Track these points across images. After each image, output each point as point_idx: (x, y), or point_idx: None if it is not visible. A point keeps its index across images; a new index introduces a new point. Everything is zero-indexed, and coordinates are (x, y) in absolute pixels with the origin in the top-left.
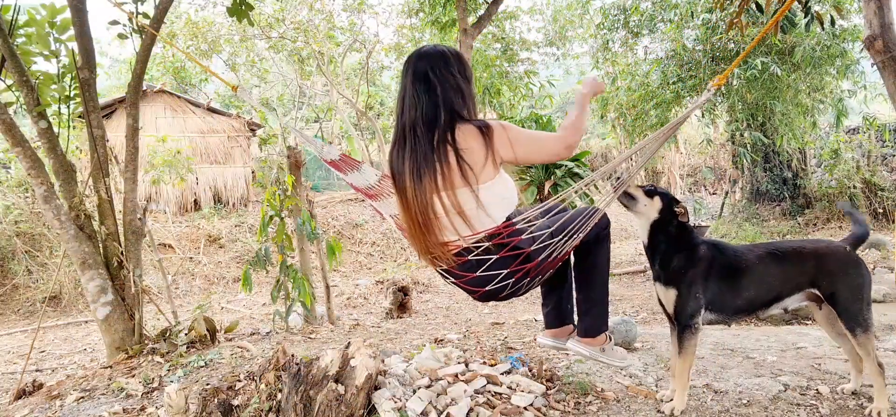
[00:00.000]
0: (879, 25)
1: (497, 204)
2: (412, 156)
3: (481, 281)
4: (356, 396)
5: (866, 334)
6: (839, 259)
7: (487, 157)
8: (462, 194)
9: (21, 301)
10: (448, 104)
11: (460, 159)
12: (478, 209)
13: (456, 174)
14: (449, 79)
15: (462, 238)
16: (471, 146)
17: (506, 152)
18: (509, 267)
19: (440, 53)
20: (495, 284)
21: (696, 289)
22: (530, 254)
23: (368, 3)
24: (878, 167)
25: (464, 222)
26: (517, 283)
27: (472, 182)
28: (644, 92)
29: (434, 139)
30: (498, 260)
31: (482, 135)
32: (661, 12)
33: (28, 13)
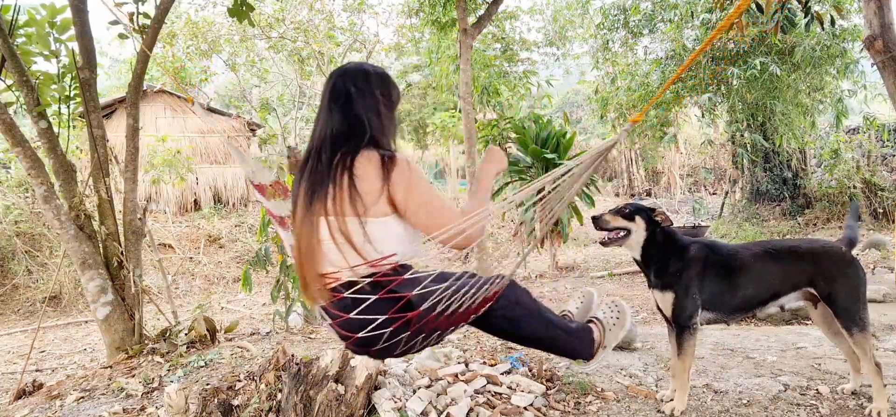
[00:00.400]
0: (879, 25)
1: (389, 242)
2: (309, 178)
3: (355, 325)
4: (356, 396)
5: (863, 333)
6: (836, 259)
7: (382, 191)
8: (350, 223)
9: (21, 301)
10: (360, 125)
11: (353, 184)
12: (364, 243)
13: (346, 200)
14: (368, 100)
15: (341, 269)
16: (368, 173)
17: (399, 195)
18: (387, 312)
19: (363, 72)
20: (370, 331)
21: (692, 290)
22: (412, 301)
23: (368, 3)
24: (878, 167)
25: (346, 252)
26: (396, 334)
27: (362, 212)
28: (644, 92)
29: (334, 160)
30: (376, 302)
31: (382, 165)
32: (661, 12)
33: (28, 13)
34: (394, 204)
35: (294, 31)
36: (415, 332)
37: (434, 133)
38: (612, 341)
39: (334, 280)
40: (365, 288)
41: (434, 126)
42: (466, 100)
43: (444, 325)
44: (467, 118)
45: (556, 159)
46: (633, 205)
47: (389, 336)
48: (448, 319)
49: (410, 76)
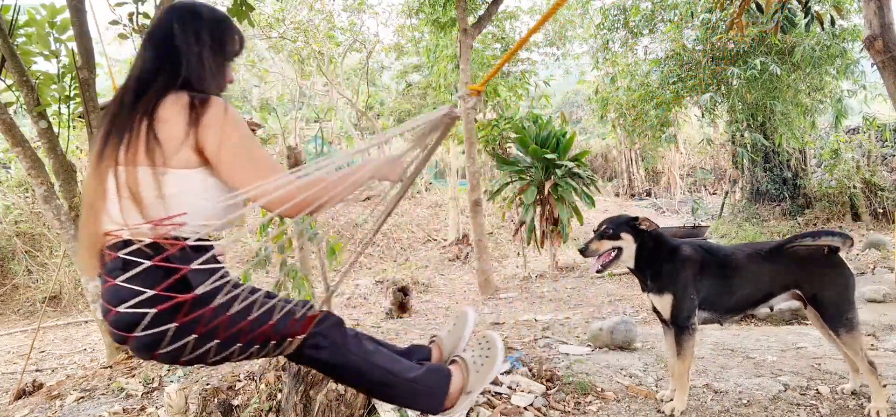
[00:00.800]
0: (879, 25)
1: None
2: (107, 124)
3: (117, 294)
4: (356, 396)
5: (851, 334)
6: (820, 261)
7: (188, 137)
8: (141, 173)
9: (21, 301)
10: (173, 64)
11: (151, 129)
12: (156, 199)
13: (141, 147)
14: (191, 40)
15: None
16: (172, 117)
17: (210, 142)
18: (156, 286)
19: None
20: (130, 307)
21: (689, 291)
22: (189, 279)
23: (368, 3)
24: (878, 167)
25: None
26: (161, 321)
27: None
28: (644, 92)
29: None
30: (148, 270)
31: (191, 108)
32: (661, 12)
33: (28, 13)
34: (203, 154)
35: (294, 31)
36: (185, 326)
37: None
38: (479, 384)
39: (115, 237)
40: (141, 250)
41: None
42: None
43: (225, 334)
44: (467, 118)
45: (556, 159)
46: (616, 221)
47: (154, 320)
48: (231, 323)
49: (410, 76)
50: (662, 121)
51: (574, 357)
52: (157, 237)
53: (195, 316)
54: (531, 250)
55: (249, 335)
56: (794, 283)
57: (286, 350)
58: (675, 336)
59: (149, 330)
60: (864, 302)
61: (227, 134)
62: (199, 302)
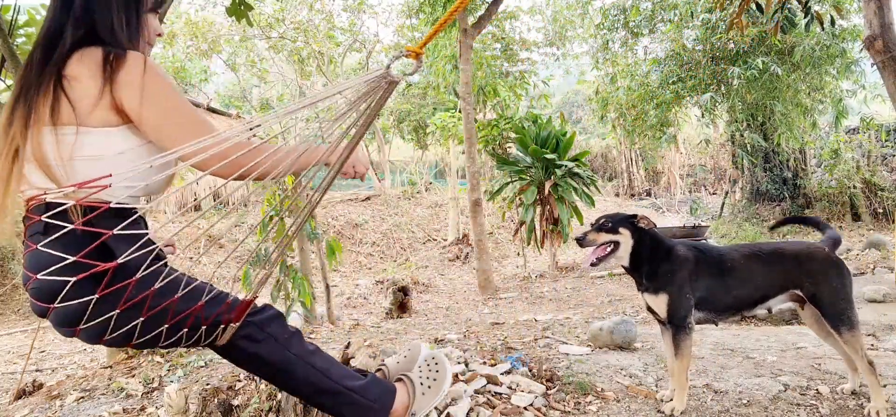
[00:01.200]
0: (879, 25)
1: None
2: (17, 85)
3: (37, 260)
4: None
5: (851, 332)
6: (819, 260)
7: (103, 95)
8: (59, 133)
9: (21, 301)
10: (86, 18)
11: (59, 87)
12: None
13: (49, 106)
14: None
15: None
16: (84, 73)
17: (130, 99)
18: (78, 252)
19: None
20: (49, 273)
21: (685, 290)
22: (110, 247)
23: (368, 3)
24: (878, 167)
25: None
26: (81, 292)
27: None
28: (644, 92)
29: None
30: (70, 235)
31: (105, 61)
32: (661, 12)
33: (28, 13)
34: (124, 113)
35: (294, 31)
36: (106, 298)
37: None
38: (424, 406)
39: (37, 201)
40: (64, 212)
41: (434, 126)
42: (466, 100)
43: (150, 312)
44: (467, 118)
45: (557, 159)
46: (615, 217)
47: (74, 289)
48: (157, 300)
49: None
50: (662, 121)
51: (574, 357)
52: (79, 201)
53: (117, 287)
54: (531, 250)
55: (177, 316)
56: (793, 283)
57: (219, 339)
58: (672, 336)
59: (69, 301)
60: (864, 302)
61: (149, 91)
62: (121, 273)
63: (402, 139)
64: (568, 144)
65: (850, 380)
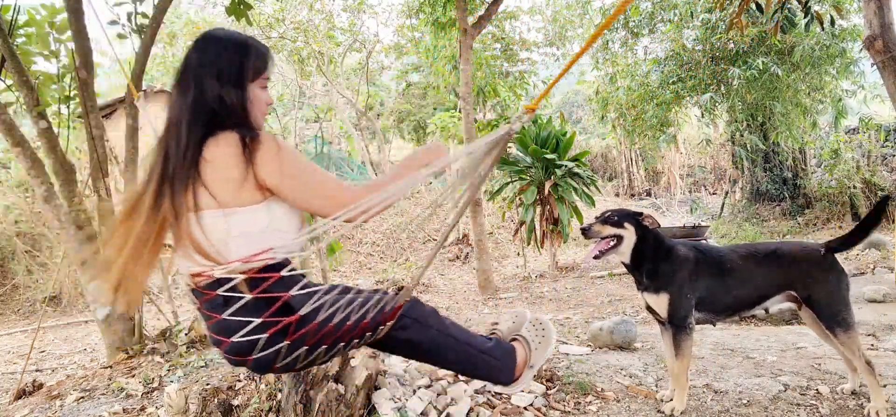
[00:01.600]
0: (879, 25)
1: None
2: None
3: (227, 328)
4: (356, 396)
5: (847, 333)
6: (814, 261)
7: (246, 176)
8: (208, 217)
9: (21, 301)
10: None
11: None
12: (227, 239)
13: (202, 193)
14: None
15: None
16: (227, 159)
17: (270, 176)
18: (262, 315)
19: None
20: (243, 336)
21: (686, 290)
22: (291, 304)
23: (368, 3)
24: (877, 167)
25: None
26: (274, 342)
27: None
28: (644, 92)
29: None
30: (250, 304)
31: (242, 147)
32: (661, 12)
33: (28, 13)
34: (266, 188)
35: (294, 31)
36: (295, 342)
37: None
38: (538, 360)
39: (206, 278)
40: (237, 286)
41: (434, 126)
42: (466, 100)
43: (330, 339)
44: (467, 118)
45: (557, 159)
46: (621, 212)
47: (266, 343)
48: (335, 331)
49: (410, 76)
50: (662, 121)
51: (574, 357)
52: (249, 273)
53: (303, 332)
54: (531, 250)
55: (351, 333)
56: (789, 284)
57: (378, 336)
58: (673, 336)
59: (264, 351)
60: (865, 302)
61: (287, 170)
62: (304, 321)
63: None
64: (568, 144)
65: (849, 380)
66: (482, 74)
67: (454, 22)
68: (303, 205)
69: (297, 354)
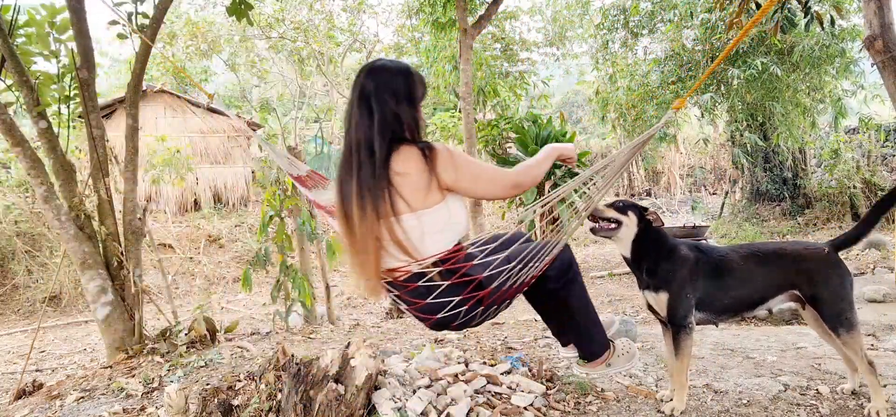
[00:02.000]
0: (879, 25)
1: (442, 230)
2: (358, 180)
3: (432, 309)
4: (356, 396)
5: (850, 333)
6: (818, 261)
7: (431, 181)
8: (405, 221)
9: (21, 301)
10: (386, 131)
11: (400, 185)
12: (422, 236)
13: (397, 200)
14: (390, 102)
15: (410, 263)
16: (410, 170)
17: (448, 177)
18: (461, 293)
19: (388, 73)
20: (447, 312)
21: (686, 290)
22: (482, 281)
23: (368, 3)
24: (877, 167)
25: (406, 250)
26: (470, 312)
27: (415, 207)
28: (644, 92)
29: (375, 165)
30: (449, 286)
31: (424, 158)
32: (661, 12)
33: (28, 13)
34: (444, 188)
35: (294, 31)
36: (488, 306)
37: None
38: (616, 366)
39: (406, 272)
40: (435, 277)
41: (434, 126)
42: (466, 101)
43: (512, 295)
44: (467, 118)
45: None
46: (626, 201)
47: (466, 313)
48: (515, 290)
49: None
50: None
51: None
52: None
53: (492, 299)
54: None
55: (520, 288)
56: (792, 284)
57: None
58: (673, 335)
59: (463, 318)
60: (865, 302)
61: (460, 169)
62: (493, 291)
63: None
64: None
65: (849, 380)
66: (482, 74)
67: (454, 22)
68: (475, 194)
69: (488, 312)
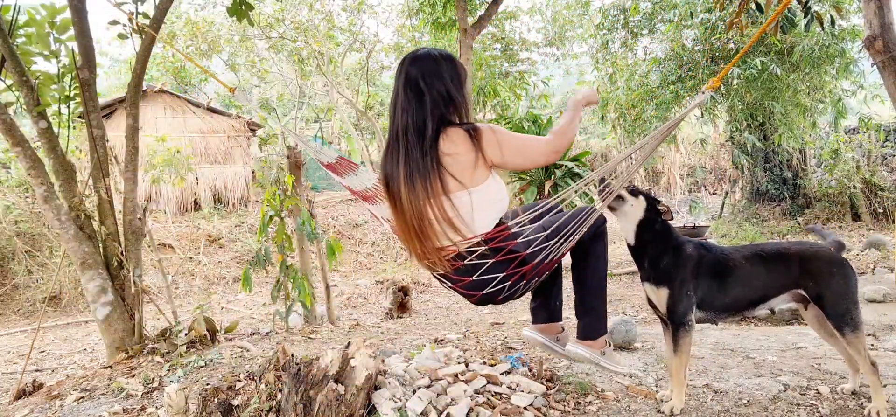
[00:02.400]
0: (879, 25)
1: (489, 207)
2: (405, 163)
3: (477, 285)
4: (356, 396)
5: (855, 333)
6: (824, 260)
7: (477, 160)
8: (457, 198)
9: (21, 301)
10: (437, 112)
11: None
12: (472, 212)
13: (448, 179)
14: (438, 86)
15: (456, 243)
16: (459, 150)
17: (494, 155)
18: (505, 270)
19: (432, 59)
20: (492, 288)
21: (687, 287)
22: (526, 258)
23: (368, 3)
24: (878, 167)
25: (456, 227)
26: (514, 286)
27: (466, 184)
28: (644, 92)
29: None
30: (494, 264)
31: (470, 138)
32: (661, 12)
33: (28, 13)
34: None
35: (294, 31)
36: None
37: None
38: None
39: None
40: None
41: None
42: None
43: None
44: None
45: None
46: (640, 188)
47: (509, 288)
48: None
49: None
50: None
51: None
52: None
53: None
54: None
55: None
56: (796, 283)
57: None
58: (672, 332)
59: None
60: (865, 302)
61: (504, 145)
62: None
63: None
64: None
65: (850, 380)
66: (482, 74)
67: (454, 22)
68: (522, 166)
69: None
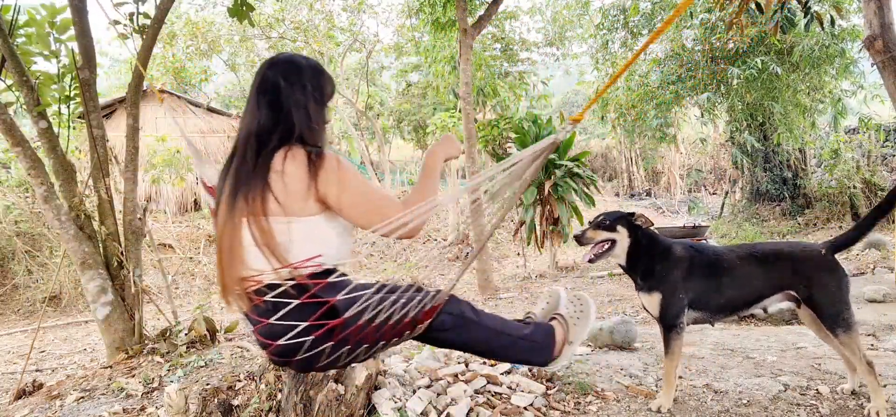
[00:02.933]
0: (879, 25)
1: (314, 243)
2: (234, 174)
3: (275, 332)
4: (356, 396)
5: (848, 333)
6: (814, 262)
7: (309, 189)
8: (274, 223)
9: (21, 301)
10: (288, 122)
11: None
12: (288, 245)
13: (269, 199)
14: (298, 93)
15: (263, 273)
16: (291, 171)
17: (330, 191)
18: (308, 319)
19: (295, 66)
20: (289, 339)
21: (678, 291)
22: (336, 307)
23: (368, 3)
24: (877, 167)
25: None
26: (318, 344)
27: (287, 212)
28: (644, 92)
29: (259, 159)
30: (298, 308)
31: (309, 162)
32: (661, 12)
33: (28, 13)
34: (324, 202)
35: (294, 31)
36: (339, 343)
37: (434, 133)
38: (579, 336)
39: (256, 283)
40: (287, 291)
41: (434, 126)
42: (466, 101)
43: (372, 338)
44: (467, 118)
45: (557, 159)
46: (613, 215)
47: (311, 345)
48: (376, 331)
49: (410, 76)
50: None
51: (574, 357)
52: (300, 278)
53: (346, 333)
54: (531, 250)
55: (392, 332)
56: (788, 284)
57: (416, 333)
58: (663, 335)
59: (308, 352)
60: (865, 302)
61: (345, 185)
62: (348, 323)
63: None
64: (568, 144)
65: (849, 380)
66: (482, 74)
67: (454, 22)
68: (355, 219)
69: (339, 353)
